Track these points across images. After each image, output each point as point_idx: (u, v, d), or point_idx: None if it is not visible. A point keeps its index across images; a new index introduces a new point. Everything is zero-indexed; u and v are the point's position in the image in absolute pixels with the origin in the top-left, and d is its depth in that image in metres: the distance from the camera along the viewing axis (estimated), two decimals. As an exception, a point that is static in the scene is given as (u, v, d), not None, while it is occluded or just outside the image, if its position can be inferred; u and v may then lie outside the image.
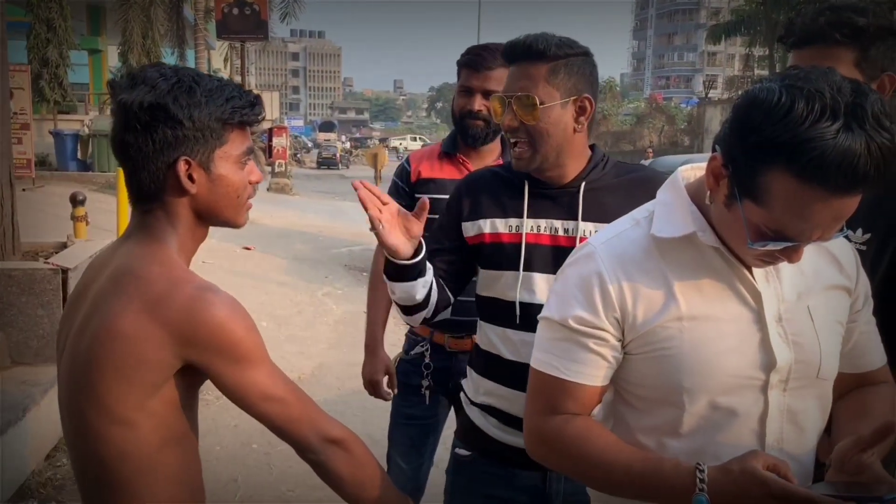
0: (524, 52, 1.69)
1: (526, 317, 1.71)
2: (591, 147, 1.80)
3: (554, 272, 1.66)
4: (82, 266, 4.54)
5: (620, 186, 1.77)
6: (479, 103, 2.38)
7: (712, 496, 1.12)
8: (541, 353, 1.33)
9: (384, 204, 1.59)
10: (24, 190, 6.36)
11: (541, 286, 1.73)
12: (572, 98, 1.68)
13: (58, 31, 13.61)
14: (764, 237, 1.13)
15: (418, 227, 1.62)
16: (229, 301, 1.25)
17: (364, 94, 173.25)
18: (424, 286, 1.71)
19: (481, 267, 1.84)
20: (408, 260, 1.63)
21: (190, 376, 1.27)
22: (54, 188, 11.10)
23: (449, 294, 1.84)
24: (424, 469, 2.61)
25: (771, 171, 1.08)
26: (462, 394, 1.95)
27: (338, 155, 40.21)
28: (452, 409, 2.46)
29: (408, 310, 1.76)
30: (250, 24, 13.82)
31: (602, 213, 1.72)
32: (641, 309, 1.25)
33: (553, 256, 1.73)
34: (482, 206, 1.81)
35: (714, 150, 1.18)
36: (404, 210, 1.63)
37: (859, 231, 1.64)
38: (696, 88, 77.95)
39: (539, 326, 1.35)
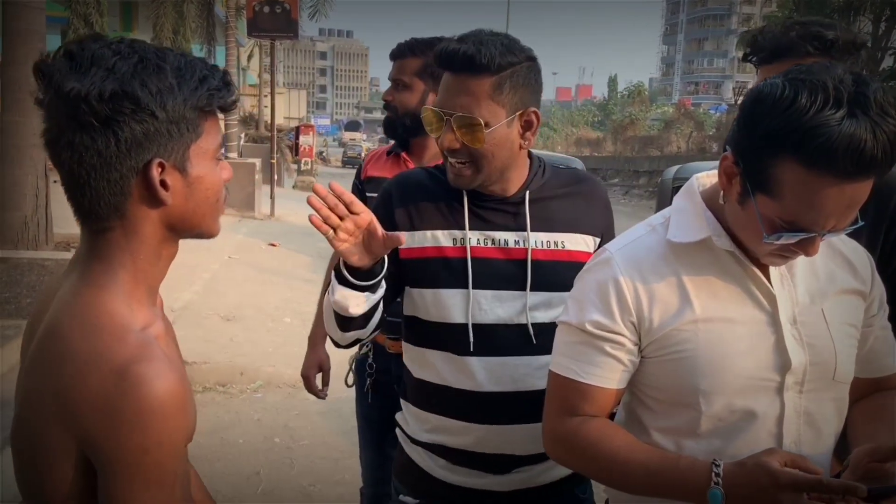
0: (463, 64, 1.48)
1: (480, 340, 1.56)
2: (528, 153, 1.64)
3: (507, 288, 1.59)
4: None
5: (566, 196, 1.67)
6: (388, 92, 2.24)
7: (727, 490, 1.13)
8: (559, 356, 1.35)
9: (353, 213, 1.39)
10: (55, 182, 6.46)
11: (492, 305, 1.57)
12: (518, 113, 1.52)
13: (94, 27, 13.81)
14: (779, 230, 1.14)
15: (381, 250, 1.42)
16: (163, 383, 0.92)
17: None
18: (369, 302, 1.48)
19: (414, 286, 1.62)
20: (361, 268, 1.43)
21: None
22: (85, 181, 11.23)
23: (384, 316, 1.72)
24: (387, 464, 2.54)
25: (780, 162, 1.09)
26: (399, 430, 1.75)
27: (363, 154, 40.54)
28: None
29: (342, 325, 1.53)
30: (281, 22, 13.84)
31: (550, 222, 1.63)
32: (657, 313, 1.27)
33: (506, 270, 1.58)
34: (422, 215, 1.60)
35: (725, 150, 1.20)
36: (375, 227, 1.40)
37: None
38: (725, 95, 77.14)
39: (557, 331, 1.37)
